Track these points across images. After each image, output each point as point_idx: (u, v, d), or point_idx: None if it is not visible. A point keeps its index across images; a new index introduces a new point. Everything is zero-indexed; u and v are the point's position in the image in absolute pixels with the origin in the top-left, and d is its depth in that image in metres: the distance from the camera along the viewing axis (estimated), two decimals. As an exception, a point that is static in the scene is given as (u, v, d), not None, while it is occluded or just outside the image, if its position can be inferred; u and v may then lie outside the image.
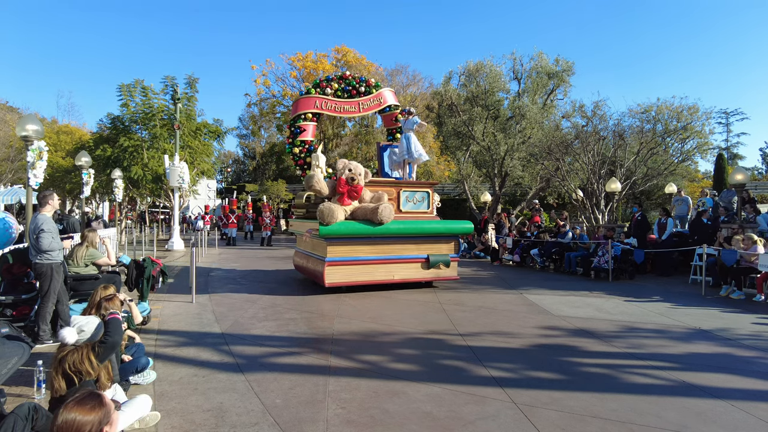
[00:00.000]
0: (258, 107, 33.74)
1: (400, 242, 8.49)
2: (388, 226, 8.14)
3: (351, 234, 7.98)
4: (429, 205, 9.23)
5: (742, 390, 3.92)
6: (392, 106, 11.19)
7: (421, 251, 8.70)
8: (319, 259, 8.34)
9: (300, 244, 10.09)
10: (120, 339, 3.28)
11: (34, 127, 7.34)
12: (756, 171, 46.74)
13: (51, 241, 5.10)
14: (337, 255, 8.04)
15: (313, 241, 8.66)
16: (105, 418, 1.98)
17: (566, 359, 4.70)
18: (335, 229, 7.79)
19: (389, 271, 8.47)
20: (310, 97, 10.46)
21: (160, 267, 6.71)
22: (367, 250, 8.26)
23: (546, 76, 20.96)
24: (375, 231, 8.06)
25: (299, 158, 10.42)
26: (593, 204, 15.89)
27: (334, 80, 10.71)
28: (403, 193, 9.01)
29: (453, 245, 9.08)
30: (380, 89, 11.06)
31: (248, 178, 50.24)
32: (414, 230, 8.52)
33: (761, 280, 7.77)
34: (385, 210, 7.94)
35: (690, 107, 15.69)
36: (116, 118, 20.32)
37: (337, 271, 8.07)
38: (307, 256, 9.29)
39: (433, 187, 9.53)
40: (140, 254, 12.87)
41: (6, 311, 5.45)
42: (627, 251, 10.66)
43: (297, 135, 10.37)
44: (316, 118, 10.73)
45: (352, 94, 10.76)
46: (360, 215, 8.21)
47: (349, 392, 3.79)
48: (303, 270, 9.73)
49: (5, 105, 31.28)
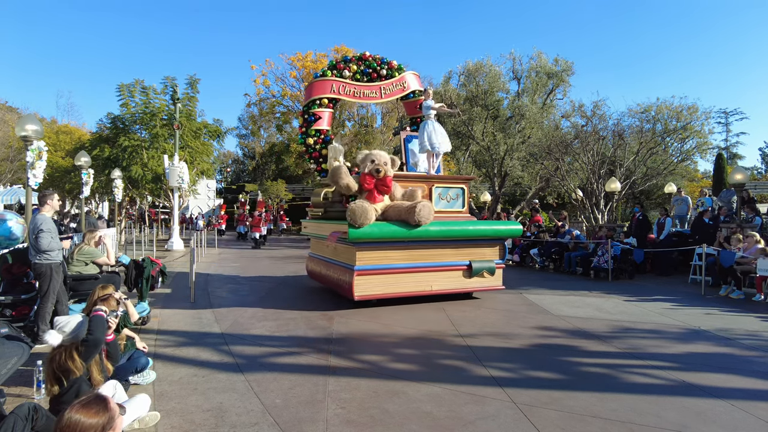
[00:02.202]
0: (257, 107, 33.71)
1: (438, 246, 7.35)
2: (428, 227, 6.96)
3: (384, 238, 6.82)
4: (464, 204, 8.15)
5: (742, 390, 3.92)
6: (416, 92, 9.90)
7: (462, 257, 7.54)
8: (344, 267, 7.20)
9: (315, 249, 8.95)
10: (102, 336, 3.28)
11: (34, 127, 7.33)
12: (755, 171, 46.77)
13: (50, 241, 5.10)
14: (367, 262, 6.89)
15: (336, 246, 7.45)
16: (108, 424, 2.00)
17: (566, 359, 4.70)
18: (368, 232, 6.61)
19: (426, 280, 7.32)
20: (326, 80, 9.15)
21: (159, 267, 6.71)
22: (400, 257, 7.12)
23: (545, 75, 20.95)
24: (412, 234, 6.90)
25: (313, 150, 9.11)
26: (593, 204, 15.90)
27: (352, 61, 9.41)
28: (435, 189, 7.91)
29: (498, 249, 7.89)
30: (403, 72, 9.76)
31: (248, 178, 50.24)
32: (456, 233, 7.37)
33: (760, 280, 7.78)
34: (424, 209, 6.79)
35: (689, 107, 15.72)
36: (116, 117, 20.31)
37: (367, 281, 6.90)
38: (326, 263, 8.07)
39: (468, 183, 8.41)
40: (140, 254, 12.86)
41: (5, 311, 5.45)
42: (626, 251, 10.66)
43: (311, 123, 9.09)
44: (333, 105, 9.42)
45: (372, 77, 9.47)
46: (393, 215, 7.04)
47: (349, 392, 3.79)
48: (320, 278, 8.53)
49: (4, 105, 31.31)
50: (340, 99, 9.45)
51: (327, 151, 8.93)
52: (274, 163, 43.82)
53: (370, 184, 7.01)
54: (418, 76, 10.12)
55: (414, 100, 10.02)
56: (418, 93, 9.86)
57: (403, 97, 10.00)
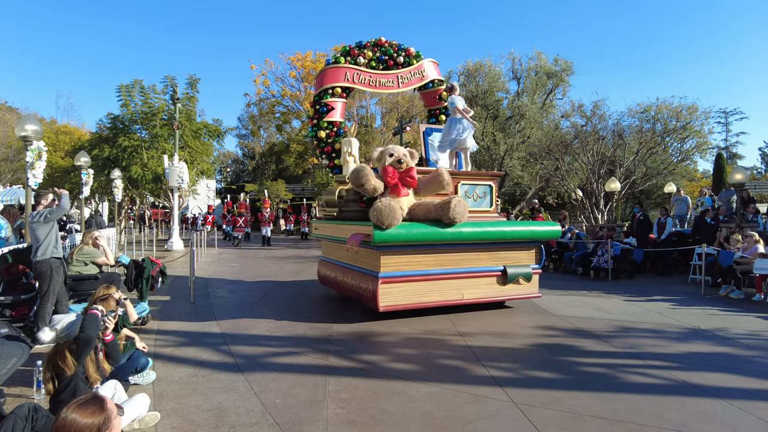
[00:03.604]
0: (257, 107, 33.75)
1: (470, 250, 6.58)
2: (461, 228, 6.22)
3: (413, 240, 6.07)
4: (491, 202, 7.46)
5: (742, 389, 3.92)
6: (435, 82, 9.29)
7: (496, 262, 6.77)
8: (365, 273, 6.41)
9: (329, 252, 8.08)
10: (94, 334, 3.28)
11: (33, 127, 7.33)
12: (755, 170, 46.78)
13: (66, 204, 5.33)
14: (393, 268, 6.09)
15: (358, 250, 6.47)
16: (105, 424, 1.99)
17: (565, 359, 4.70)
18: (396, 235, 5.86)
19: (457, 288, 6.53)
20: (339, 67, 8.47)
21: (159, 267, 6.71)
22: (429, 262, 6.34)
23: (545, 75, 20.98)
24: (444, 236, 6.14)
25: (326, 144, 8.38)
26: (593, 203, 15.92)
27: (367, 47, 8.76)
28: (461, 186, 7.15)
29: (534, 253, 7.16)
30: (421, 60, 9.12)
31: (247, 178, 50.25)
32: (492, 234, 6.59)
33: (760, 280, 7.78)
34: (458, 205, 6.01)
35: (689, 107, 15.76)
36: (116, 117, 20.31)
37: (393, 290, 6.11)
38: (343, 268, 7.25)
39: (496, 180, 7.69)
40: (140, 254, 12.86)
41: (5, 311, 5.45)
42: (626, 251, 10.67)
43: (323, 115, 8.41)
44: (346, 94, 8.72)
45: (388, 65, 8.85)
46: (421, 214, 6.28)
47: (349, 392, 3.79)
48: (335, 286, 7.68)
49: (4, 105, 31.32)
50: (355, 88, 8.82)
51: (340, 145, 8.26)
52: (274, 163, 43.83)
53: (394, 178, 6.31)
54: (437, 64, 9.47)
55: (433, 90, 9.38)
56: (438, 83, 9.32)
57: (421, 87, 9.29)
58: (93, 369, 3.25)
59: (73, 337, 3.16)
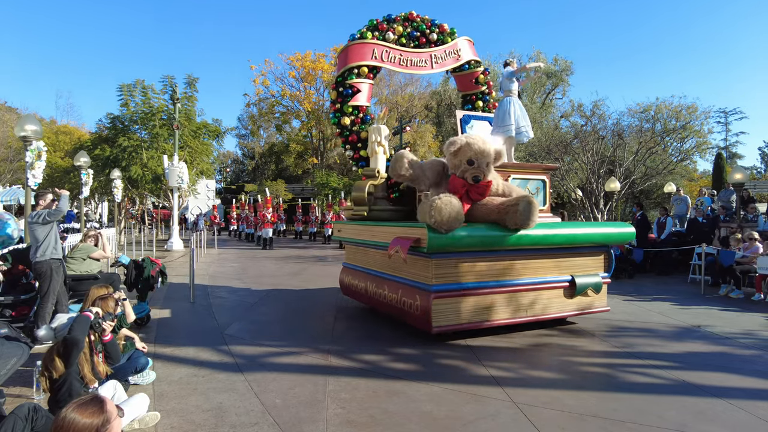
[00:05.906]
0: (257, 107, 33.77)
1: (534, 257, 5.54)
2: (530, 231, 5.19)
3: (475, 247, 5.11)
4: (545, 200, 6.45)
5: (742, 389, 3.93)
6: (472, 63, 8.29)
7: (563, 271, 5.72)
8: (410, 285, 5.37)
9: (355, 258, 7.03)
10: (82, 337, 3.27)
11: (33, 127, 7.33)
12: (755, 170, 46.82)
13: (65, 204, 5.33)
14: (447, 280, 5.07)
15: (407, 258, 5.16)
16: (104, 425, 1.99)
17: (566, 358, 4.70)
18: (458, 239, 4.89)
19: (520, 303, 5.48)
20: (366, 43, 7.34)
21: (159, 267, 6.71)
22: (488, 272, 5.29)
23: (545, 75, 20.98)
24: (510, 241, 5.15)
25: (350, 132, 7.28)
26: (592, 203, 15.92)
27: (397, 21, 7.68)
28: (512, 181, 6.12)
29: (603, 260, 6.08)
30: (456, 38, 8.10)
31: (247, 178, 50.27)
32: (561, 238, 5.54)
33: (760, 279, 7.78)
34: (529, 208, 4.96)
35: (689, 107, 15.79)
36: (116, 117, 20.31)
37: (448, 306, 5.09)
38: (376, 278, 6.18)
39: (549, 174, 6.65)
40: (139, 254, 12.86)
41: (5, 312, 5.45)
42: (626, 250, 10.67)
43: (347, 98, 7.24)
44: (373, 75, 7.60)
45: (420, 42, 7.85)
46: (480, 215, 5.27)
47: (349, 392, 3.79)
48: (365, 298, 6.58)
49: (4, 105, 31.30)
50: (383, 68, 7.72)
51: (366, 134, 7.26)
52: (274, 163, 43.86)
53: (461, 191, 5.22)
54: (473, 43, 8.45)
55: (469, 73, 8.39)
56: (474, 64, 8.38)
57: (456, 68, 8.27)
58: (87, 369, 3.24)
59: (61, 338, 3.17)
